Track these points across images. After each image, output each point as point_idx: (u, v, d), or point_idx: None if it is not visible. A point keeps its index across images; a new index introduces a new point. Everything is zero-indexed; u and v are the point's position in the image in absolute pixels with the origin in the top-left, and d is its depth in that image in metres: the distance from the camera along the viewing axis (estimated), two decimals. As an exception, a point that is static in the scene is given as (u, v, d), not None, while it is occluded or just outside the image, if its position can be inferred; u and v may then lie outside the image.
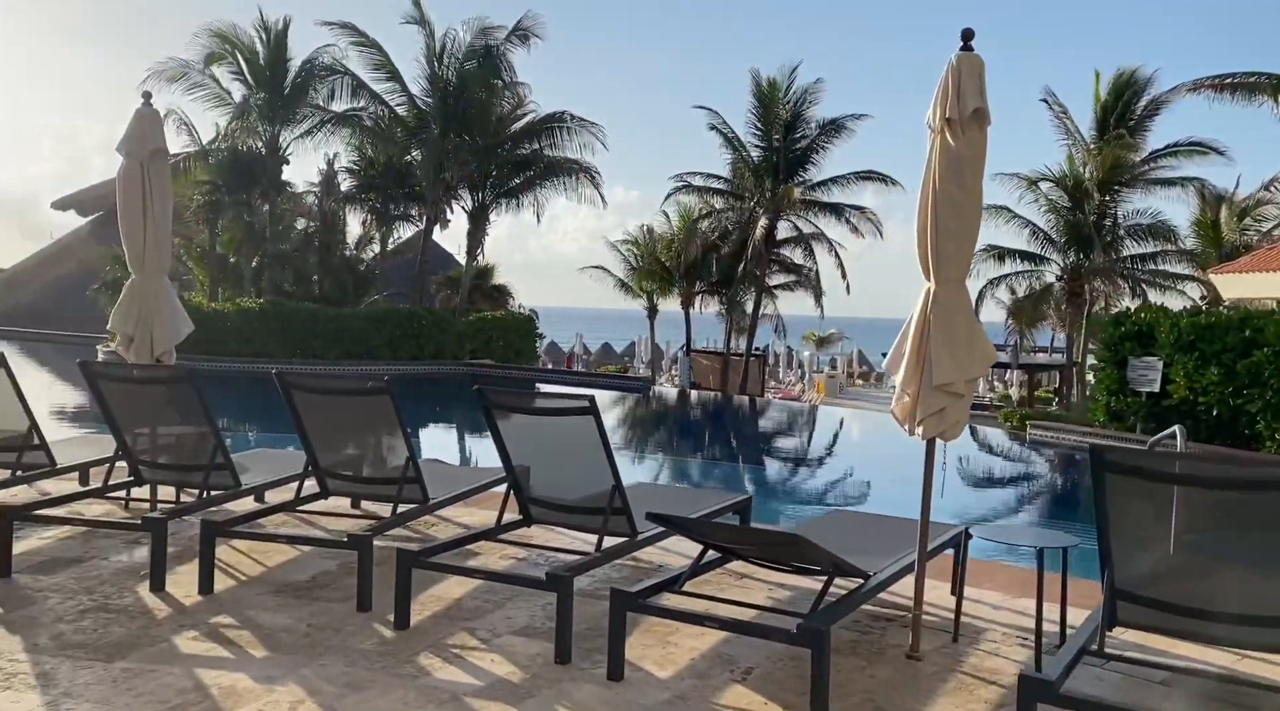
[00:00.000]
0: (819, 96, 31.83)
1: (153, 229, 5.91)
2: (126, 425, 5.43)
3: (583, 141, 24.78)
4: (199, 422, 5.35)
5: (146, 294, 5.95)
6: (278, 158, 23.26)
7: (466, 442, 15.92)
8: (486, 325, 24.77)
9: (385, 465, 5.40)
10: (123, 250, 6.07)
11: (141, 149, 5.88)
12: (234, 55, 22.86)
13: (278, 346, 21.82)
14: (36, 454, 5.77)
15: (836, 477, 13.98)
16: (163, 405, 5.63)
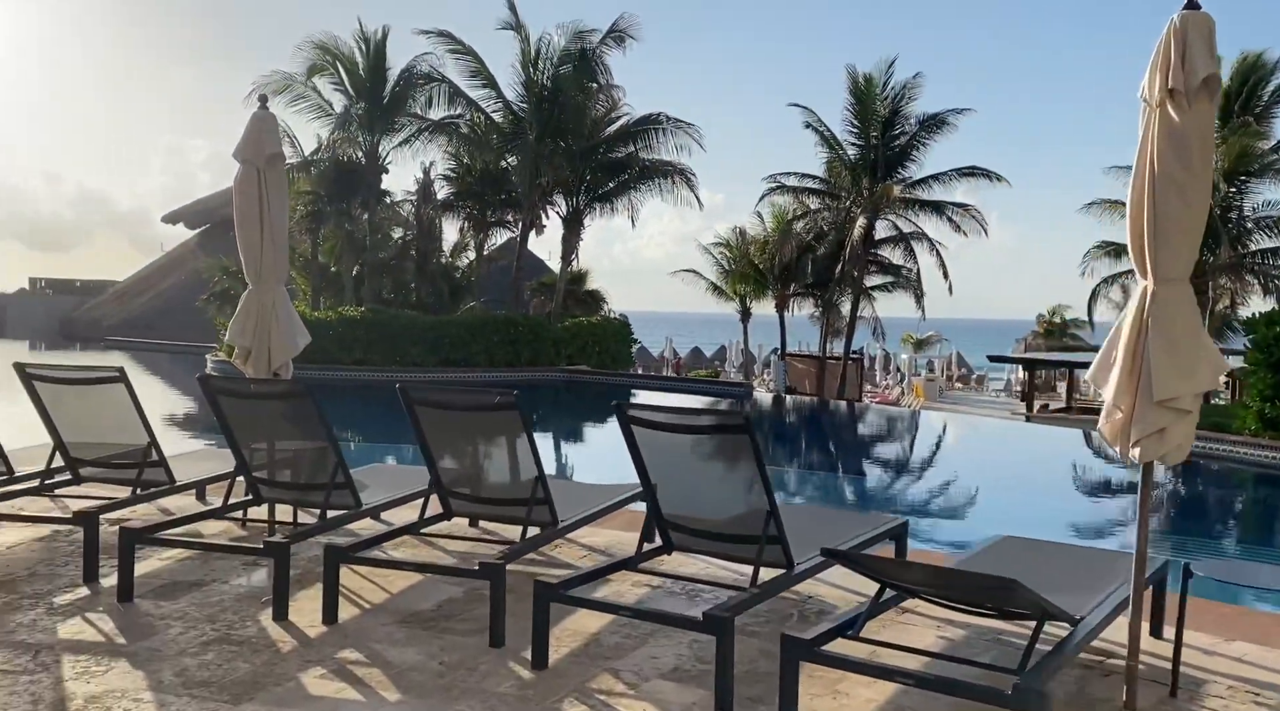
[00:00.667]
0: (918, 92, 30.84)
1: (270, 237, 5.70)
2: (245, 441, 5.21)
3: (679, 142, 24.42)
4: (319, 439, 5.10)
5: (264, 305, 5.75)
6: (377, 166, 23.51)
7: (564, 450, 15.65)
8: (582, 331, 24.56)
9: (513, 484, 5.06)
10: (233, 261, 5.91)
11: (258, 155, 5.69)
12: (335, 66, 23.21)
13: (378, 354, 22.01)
14: (156, 471, 5.61)
15: (974, 494, 13.15)
16: (282, 421, 5.41)
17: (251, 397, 5.33)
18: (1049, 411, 32.21)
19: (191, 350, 28.15)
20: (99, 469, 5.72)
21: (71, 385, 5.55)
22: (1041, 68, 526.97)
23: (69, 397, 5.59)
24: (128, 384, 5.43)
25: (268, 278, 5.77)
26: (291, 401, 5.26)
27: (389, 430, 16.62)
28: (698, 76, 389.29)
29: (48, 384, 5.50)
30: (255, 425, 5.33)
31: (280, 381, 5.64)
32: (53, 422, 5.57)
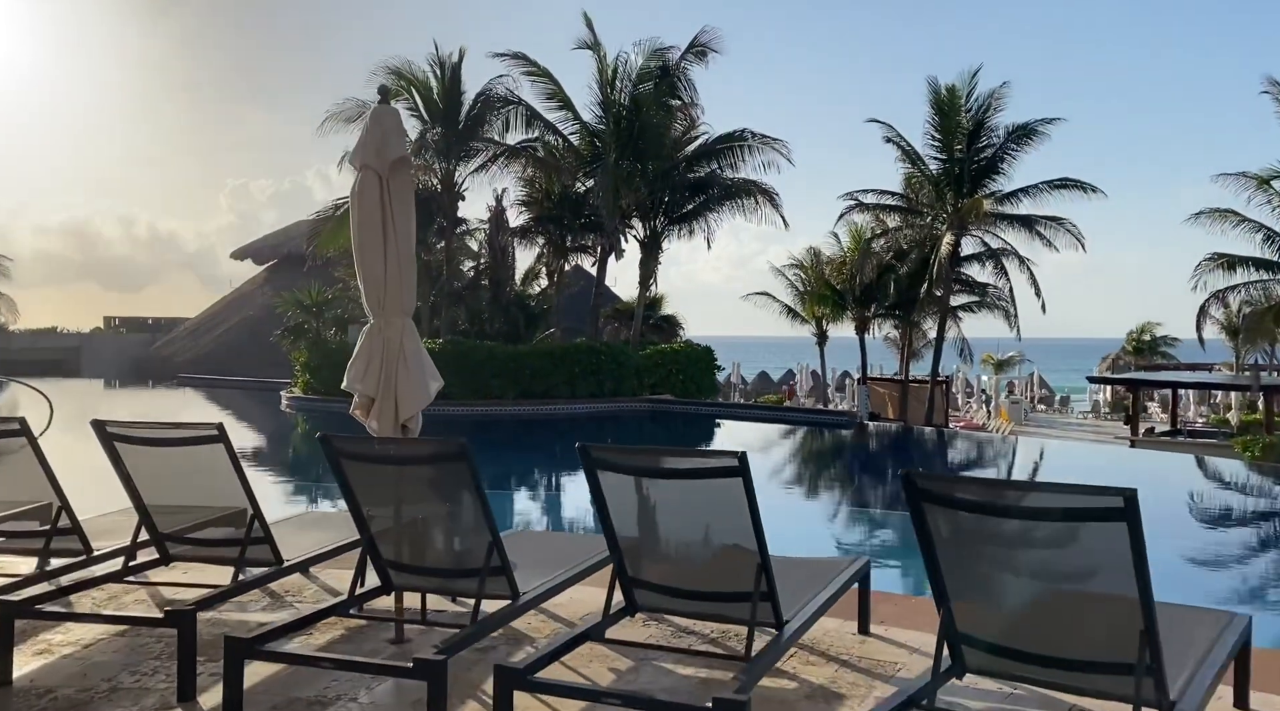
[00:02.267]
0: (1004, 102, 29.41)
1: (395, 258, 4.64)
2: (374, 514, 4.12)
3: (766, 159, 23.26)
4: (471, 510, 4.00)
5: (389, 343, 4.67)
6: (454, 193, 22.73)
7: None
8: (665, 358, 23.42)
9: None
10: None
11: (379, 159, 4.63)
12: (409, 91, 22.54)
13: (458, 387, 21.10)
14: (260, 548, 4.55)
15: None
16: (425, 488, 4.31)
17: (385, 461, 4.24)
18: (1155, 435, 30.24)
19: (265, 386, 27.65)
20: (193, 547, 4.69)
21: (162, 447, 4.53)
22: (1113, 75, 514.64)
23: (158, 461, 4.58)
24: (227, 443, 4.39)
25: (392, 308, 4.69)
26: (440, 464, 4.15)
27: (489, 473, 15.64)
28: (750, 94, 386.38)
29: (133, 445, 4.49)
30: (390, 493, 4.23)
31: (426, 441, 4.53)
32: (137, 492, 4.55)
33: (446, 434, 13.19)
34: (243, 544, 4.48)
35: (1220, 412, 38.02)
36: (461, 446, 3.82)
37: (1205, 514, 12.71)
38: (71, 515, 4.81)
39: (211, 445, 4.34)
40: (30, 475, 4.73)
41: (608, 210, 21.79)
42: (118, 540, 4.90)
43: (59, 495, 4.75)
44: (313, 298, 23.71)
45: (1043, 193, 29.50)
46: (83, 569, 4.78)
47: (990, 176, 29.24)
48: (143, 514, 4.59)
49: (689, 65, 22.74)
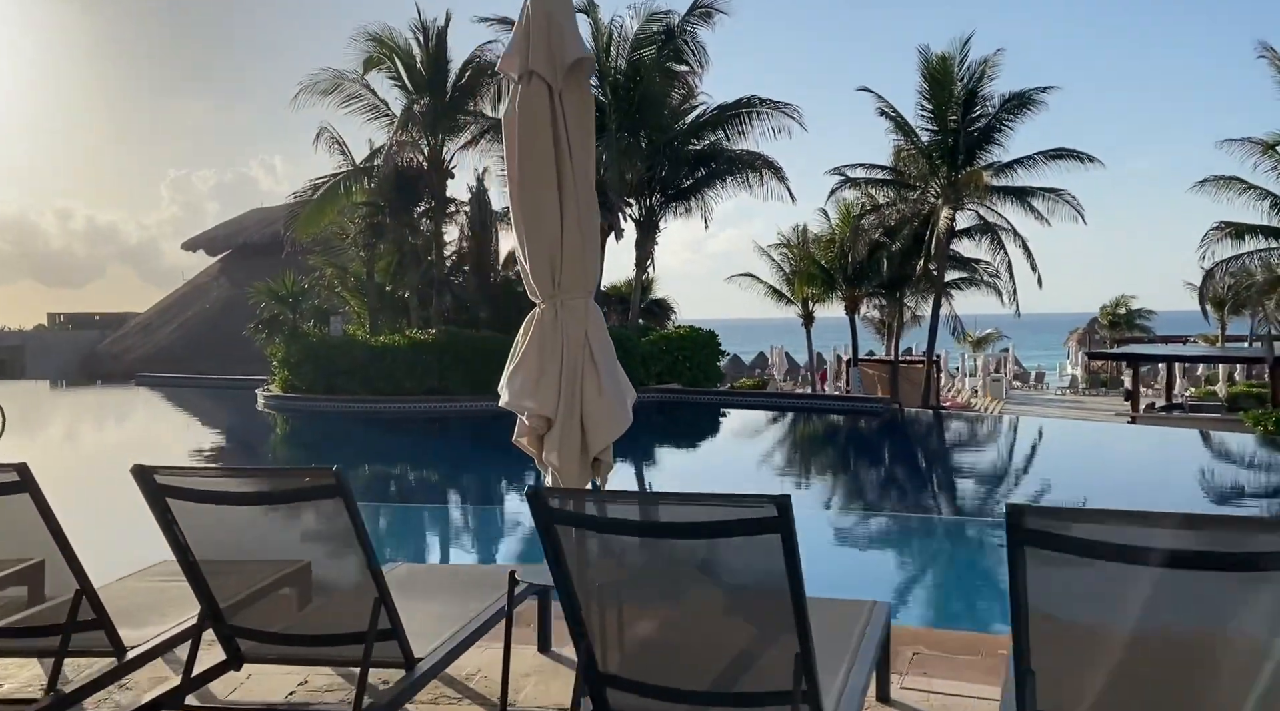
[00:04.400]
0: (998, 70, 28.46)
1: (575, 210, 3.14)
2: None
3: (777, 124, 21.78)
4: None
5: (571, 339, 3.17)
6: (443, 170, 20.93)
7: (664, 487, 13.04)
8: (672, 345, 21.96)
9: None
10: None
11: (550, 65, 3.12)
12: (392, 59, 20.67)
13: (454, 382, 19.48)
14: (388, 645, 3.03)
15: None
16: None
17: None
18: (1155, 410, 29.62)
19: (235, 384, 25.64)
20: (279, 646, 3.15)
21: (241, 504, 2.98)
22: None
23: (227, 521, 3.03)
24: (345, 492, 2.86)
25: (572, 285, 3.19)
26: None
27: (476, 472, 14.17)
28: (730, 67, 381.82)
29: (195, 502, 2.93)
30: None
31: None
32: (200, 574, 3.00)
33: (448, 434, 11.64)
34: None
35: (1201, 385, 37.75)
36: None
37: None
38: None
39: (329, 499, 2.81)
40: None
41: (612, 186, 20.22)
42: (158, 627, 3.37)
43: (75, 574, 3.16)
44: (288, 287, 21.83)
45: (1038, 164, 28.72)
46: (114, 681, 3.23)
47: (984, 147, 28.38)
48: (206, 601, 3.05)
49: (694, 27, 21.16)
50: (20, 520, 3.07)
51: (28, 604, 3.42)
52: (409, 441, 17.63)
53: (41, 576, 3.35)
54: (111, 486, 11.66)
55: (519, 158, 3.19)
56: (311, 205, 20.21)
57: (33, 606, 3.36)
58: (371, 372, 19.57)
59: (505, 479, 13.98)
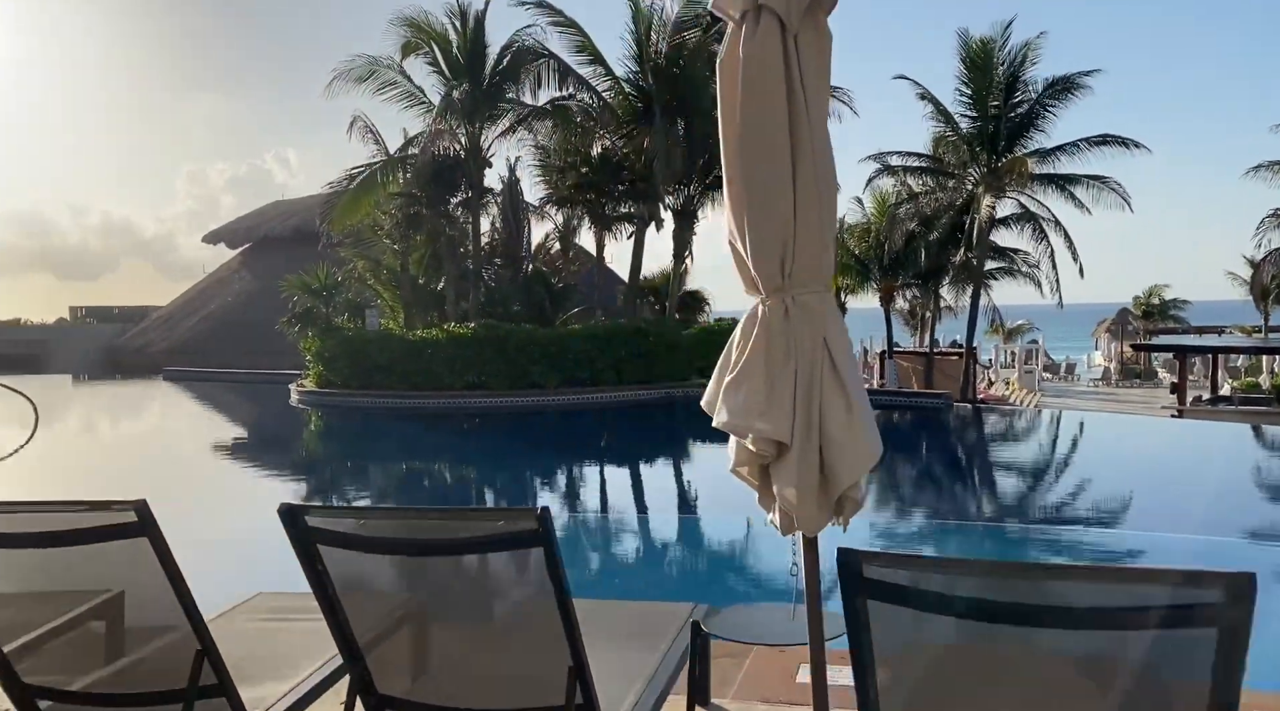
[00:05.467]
0: (1040, 53, 27.75)
1: (811, 180, 2.50)
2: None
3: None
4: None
5: (804, 341, 2.54)
6: (481, 159, 20.29)
7: (705, 491, 12.35)
8: (716, 338, 21.25)
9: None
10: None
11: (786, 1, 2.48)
12: (429, 44, 20.02)
13: (494, 377, 18.90)
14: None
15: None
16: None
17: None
18: (1202, 403, 28.77)
19: (265, 379, 25.13)
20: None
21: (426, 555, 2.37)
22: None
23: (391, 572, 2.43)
24: (549, 544, 2.25)
25: (807, 274, 2.55)
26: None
27: (516, 470, 13.60)
28: None
29: (359, 552, 2.32)
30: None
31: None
32: (354, 641, 2.40)
33: (486, 429, 10.98)
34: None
35: (1241, 377, 36.90)
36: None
37: None
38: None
39: (531, 548, 2.20)
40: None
41: (661, 174, 19.52)
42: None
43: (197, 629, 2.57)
44: (321, 280, 21.29)
45: (1082, 150, 28.04)
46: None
47: (1026, 133, 27.73)
48: (358, 678, 2.45)
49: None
50: (117, 555, 2.51)
51: (105, 642, 2.85)
52: (450, 438, 17.09)
53: (121, 610, 2.79)
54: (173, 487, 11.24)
55: (741, 117, 2.55)
56: (348, 195, 19.64)
57: (111, 645, 2.81)
58: (409, 367, 19.03)
59: (550, 477, 13.41)
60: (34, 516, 2.40)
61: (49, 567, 2.55)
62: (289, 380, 22.26)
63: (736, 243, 2.66)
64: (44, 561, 2.50)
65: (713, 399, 2.62)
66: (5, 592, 2.64)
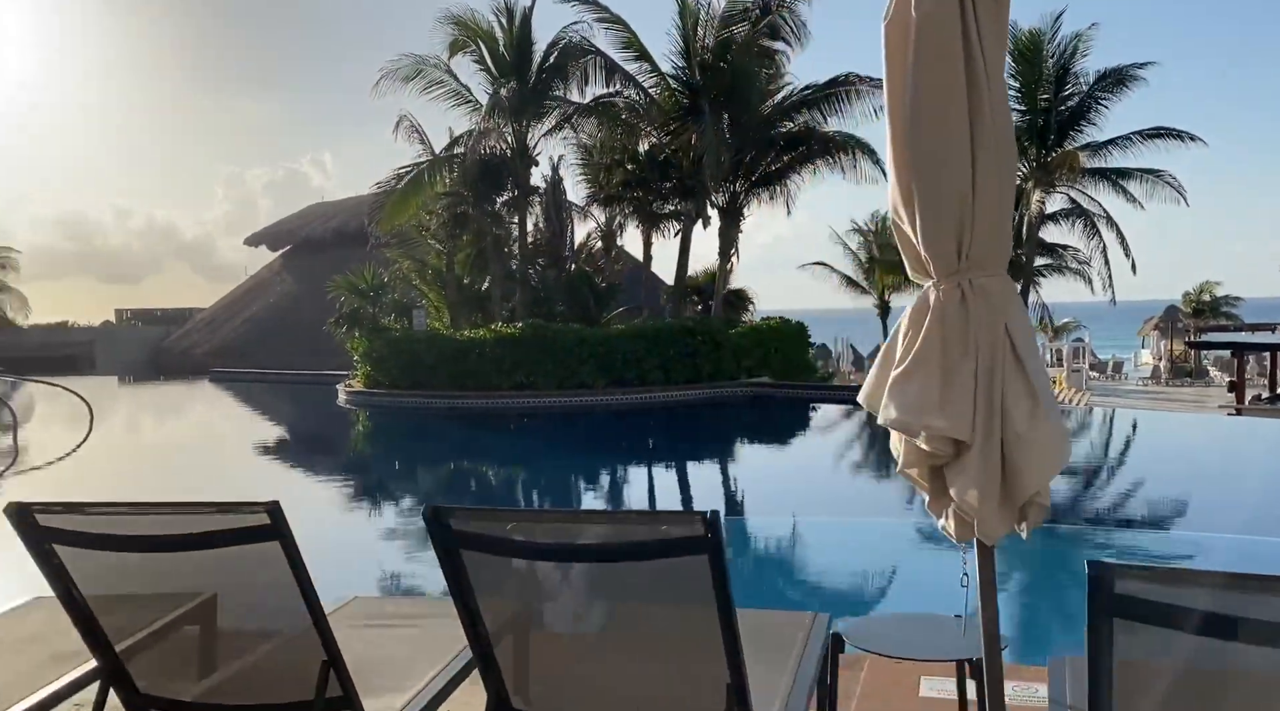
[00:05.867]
0: (1090, 45, 27.28)
1: (991, 157, 2.29)
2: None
3: (878, 103, 20.67)
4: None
5: (984, 332, 2.32)
6: (528, 157, 20.20)
7: (747, 487, 12.07)
8: (763, 337, 21.00)
9: None
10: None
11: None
12: (475, 42, 19.96)
13: (543, 377, 18.78)
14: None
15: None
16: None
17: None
18: (1260, 402, 28.01)
19: (312, 380, 25.20)
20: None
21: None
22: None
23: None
24: (716, 552, 2.05)
25: (987, 260, 2.33)
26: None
27: (558, 473, 13.44)
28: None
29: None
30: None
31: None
32: (490, 651, 2.23)
33: (537, 428, 10.68)
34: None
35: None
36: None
37: None
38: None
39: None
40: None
41: (711, 171, 19.30)
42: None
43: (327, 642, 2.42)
44: (367, 281, 21.32)
45: (1134, 143, 27.53)
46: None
47: (1077, 127, 27.26)
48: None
49: (793, 2, 20.07)
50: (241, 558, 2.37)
51: (200, 646, 2.72)
52: (504, 438, 16.99)
53: (214, 613, 2.65)
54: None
55: (914, 82, 2.33)
56: (396, 195, 19.63)
57: (205, 648, 2.67)
58: (457, 367, 18.98)
59: (597, 478, 13.24)
60: (168, 518, 2.26)
61: (176, 570, 2.40)
62: (334, 381, 22.31)
63: (903, 223, 2.43)
64: (173, 564, 2.35)
65: (874, 394, 2.40)
66: (124, 594, 2.51)
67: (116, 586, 2.46)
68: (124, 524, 2.32)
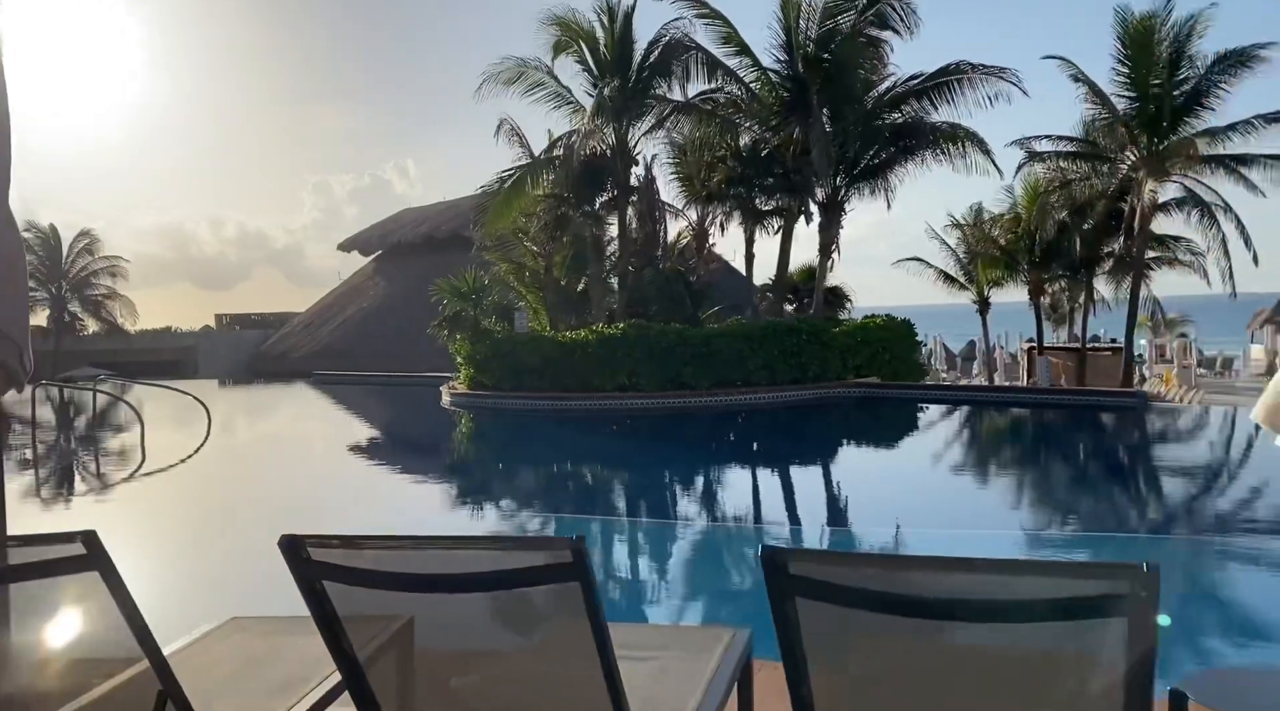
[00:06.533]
0: (1208, 26, 25.91)
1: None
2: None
3: (994, 91, 19.95)
4: None
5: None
6: (629, 157, 20.04)
7: (854, 497, 11.48)
8: (871, 336, 20.43)
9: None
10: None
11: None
12: (577, 43, 19.90)
13: (647, 378, 18.59)
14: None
15: None
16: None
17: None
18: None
19: (410, 382, 25.50)
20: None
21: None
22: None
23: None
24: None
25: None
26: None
27: (663, 476, 13.17)
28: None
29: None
30: None
31: None
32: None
33: (641, 430, 10.19)
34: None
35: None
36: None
37: None
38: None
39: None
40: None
41: (820, 163, 18.84)
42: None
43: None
44: (469, 284, 21.44)
45: (1257, 129, 26.03)
46: None
47: (1192, 112, 25.89)
48: None
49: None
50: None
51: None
52: (608, 440, 16.82)
53: None
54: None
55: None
56: (502, 196, 19.66)
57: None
58: (560, 369, 18.92)
59: (701, 482, 12.93)
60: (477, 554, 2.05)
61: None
62: (433, 383, 22.49)
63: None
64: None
65: (1275, 412, 2.07)
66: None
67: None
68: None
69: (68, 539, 1.87)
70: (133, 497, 11.85)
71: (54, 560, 1.92)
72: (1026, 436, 17.86)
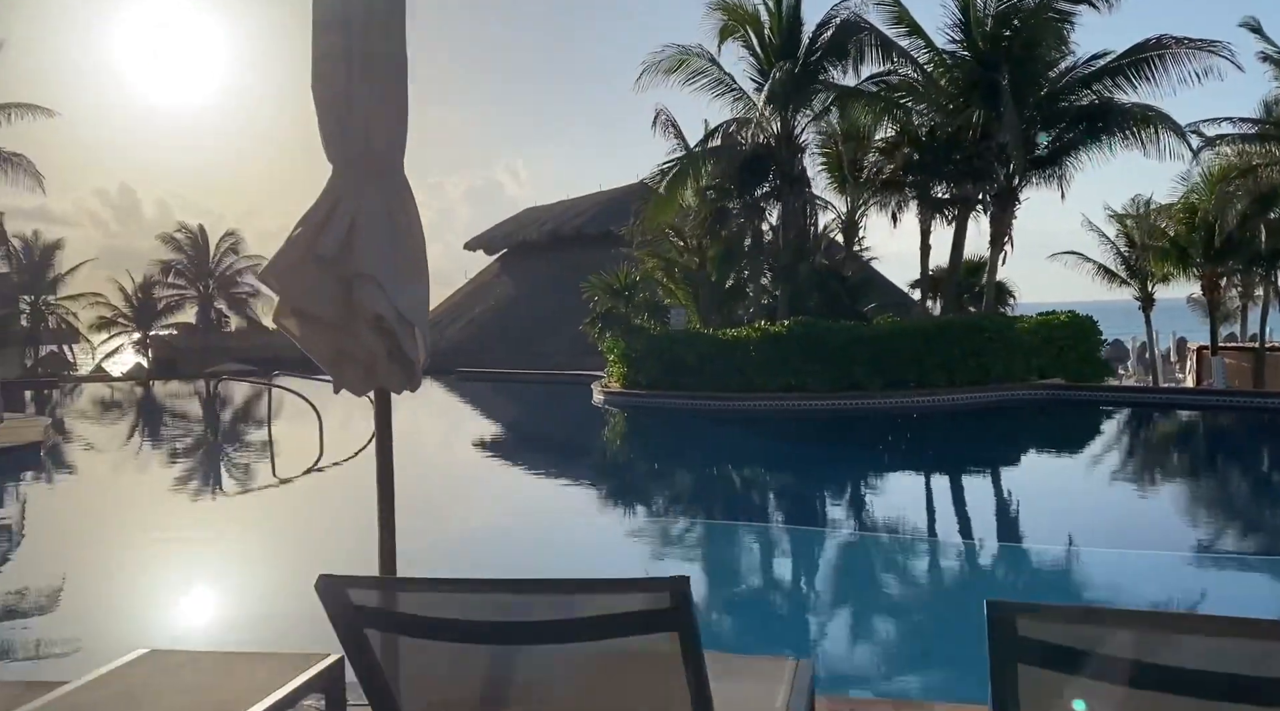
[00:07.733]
0: None
1: None
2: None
3: (1203, 66, 18.12)
4: None
5: None
6: (793, 145, 19.03)
7: (1046, 512, 10.10)
8: (1055, 334, 18.90)
9: None
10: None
11: None
12: (744, 28, 19.03)
13: (816, 377, 17.57)
14: None
15: None
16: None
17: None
18: None
19: (555, 380, 25.05)
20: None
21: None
22: None
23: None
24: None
25: None
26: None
27: (831, 484, 12.11)
28: None
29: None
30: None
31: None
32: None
33: (809, 433, 9.08)
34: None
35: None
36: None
37: None
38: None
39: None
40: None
41: (1013, 146, 17.45)
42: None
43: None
44: (621, 281, 20.83)
45: None
46: None
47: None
48: None
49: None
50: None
51: None
52: (776, 443, 15.89)
53: None
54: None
55: None
56: (665, 186, 18.95)
57: None
58: (719, 367, 18.06)
59: (876, 492, 11.83)
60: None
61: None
62: (576, 382, 21.96)
63: None
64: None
65: None
66: None
67: None
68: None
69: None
70: (312, 489, 11.67)
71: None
72: (1244, 447, 16.11)
